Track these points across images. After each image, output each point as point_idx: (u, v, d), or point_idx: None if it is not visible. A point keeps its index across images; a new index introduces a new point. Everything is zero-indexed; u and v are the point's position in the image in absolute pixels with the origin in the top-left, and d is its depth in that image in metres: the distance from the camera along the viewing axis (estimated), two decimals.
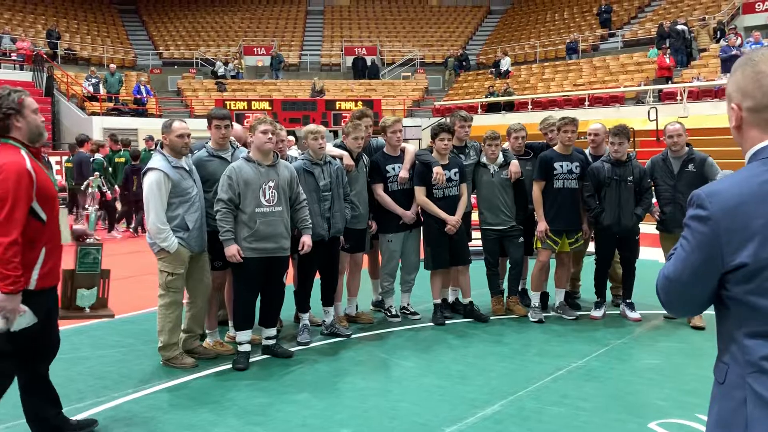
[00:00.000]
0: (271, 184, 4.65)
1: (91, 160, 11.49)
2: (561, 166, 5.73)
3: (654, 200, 5.89)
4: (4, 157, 3.04)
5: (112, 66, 22.17)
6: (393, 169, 5.74)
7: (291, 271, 5.18)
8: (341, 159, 5.45)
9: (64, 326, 5.54)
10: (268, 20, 30.97)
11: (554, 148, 5.88)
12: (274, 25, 30.58)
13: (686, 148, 5.66)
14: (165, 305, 4.63)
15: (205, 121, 5.16)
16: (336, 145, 5.72)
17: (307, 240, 4.88)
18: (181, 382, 4.42)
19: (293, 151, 5.52)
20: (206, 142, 5.05)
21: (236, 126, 5.60)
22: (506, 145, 6.20)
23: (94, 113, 20.24)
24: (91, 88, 20.73)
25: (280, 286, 4.88)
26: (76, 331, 5.42)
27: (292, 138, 7.27)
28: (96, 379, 4.47)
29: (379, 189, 5.71)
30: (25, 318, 3.11)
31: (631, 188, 5.63)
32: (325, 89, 23.31)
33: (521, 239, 5.96)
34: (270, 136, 4.63)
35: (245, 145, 5.32)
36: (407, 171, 5.72)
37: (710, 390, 1.56)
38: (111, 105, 20.93)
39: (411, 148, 5.99)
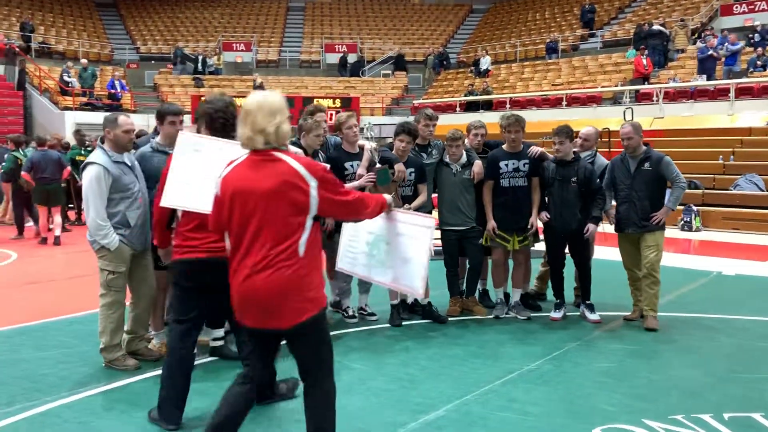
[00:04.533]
0: None
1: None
2: (506, 165, 5.67)
3: (614, 202, 5.82)
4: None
5: (84, 61, 21.83)
6: (352, 166, 5.61)
7: None
8: None
9: (4, 327, 5.42)
10: (248, 16, 30.70)
11: (502, 146, 5.82)
12: (254, 20, 30.32)
13: (643, 148, 5.59)
14: (106, 305, 4.47)
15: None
16: (293, 143, 5.58)
17: None
18: (121, 385, 4.27)
19: None
20: (152, 137, 4.89)
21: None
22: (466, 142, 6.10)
23: (66, 108, 19.90)
24: (75, 83, 20.40)
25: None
26: (18, 332, 5.23)
27: None
28: (31, 382, 4.30)
29: None
30: None
31: (575, 189, 5.55)
32: (264, 85, 22.94)
33: (480, 240, 5.87)
34: None
35: None
36: (365, 168, 5.59)
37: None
38: (84, 100, 20.59)
39: (368, 144, 5.87)
